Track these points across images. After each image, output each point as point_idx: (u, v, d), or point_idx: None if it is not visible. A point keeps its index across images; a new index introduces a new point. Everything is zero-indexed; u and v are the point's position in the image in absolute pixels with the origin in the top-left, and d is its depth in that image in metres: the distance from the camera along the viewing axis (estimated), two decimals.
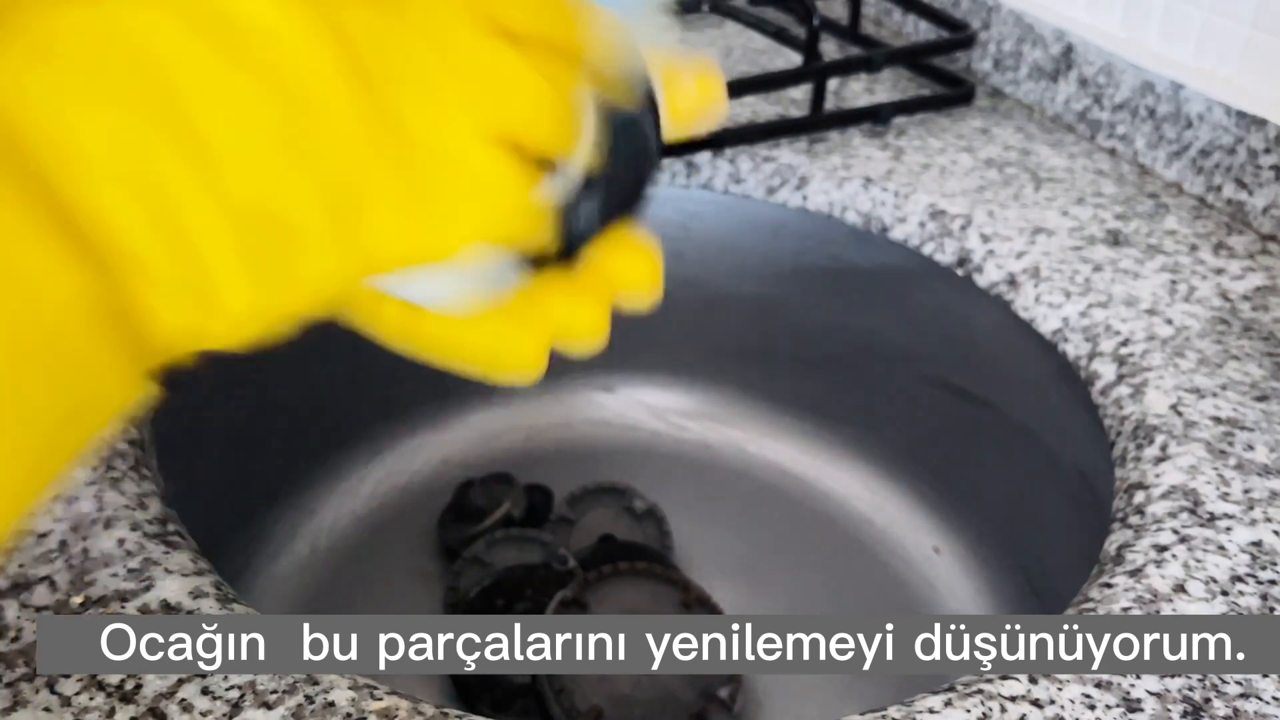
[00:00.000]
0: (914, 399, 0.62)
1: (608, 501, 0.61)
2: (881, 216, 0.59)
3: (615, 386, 0.70)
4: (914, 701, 0.31)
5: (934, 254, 0.57)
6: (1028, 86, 0.69)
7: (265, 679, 0.30)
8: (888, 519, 0.63)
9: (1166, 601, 0.34)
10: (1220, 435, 0.42)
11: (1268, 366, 0.46)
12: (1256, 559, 0.36)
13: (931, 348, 0.59)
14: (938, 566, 0.60)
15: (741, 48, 0.76)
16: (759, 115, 0.65)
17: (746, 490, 0.65)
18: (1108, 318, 0.49)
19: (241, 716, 0.29)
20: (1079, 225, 0.56)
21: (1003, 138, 0.65)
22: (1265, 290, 0.51)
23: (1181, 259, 0.53)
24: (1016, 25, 0.68)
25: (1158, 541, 0.37)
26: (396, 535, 0.61)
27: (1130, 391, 0.45)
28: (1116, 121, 0.63)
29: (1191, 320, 0.49)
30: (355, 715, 0.29)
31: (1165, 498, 0.39)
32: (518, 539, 0.57)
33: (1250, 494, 0.39)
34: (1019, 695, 0.31)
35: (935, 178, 0.60)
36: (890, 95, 0.69)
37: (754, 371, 0.68)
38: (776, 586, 0.59)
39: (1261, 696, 0.31)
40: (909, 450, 0.64)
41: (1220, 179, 0.57)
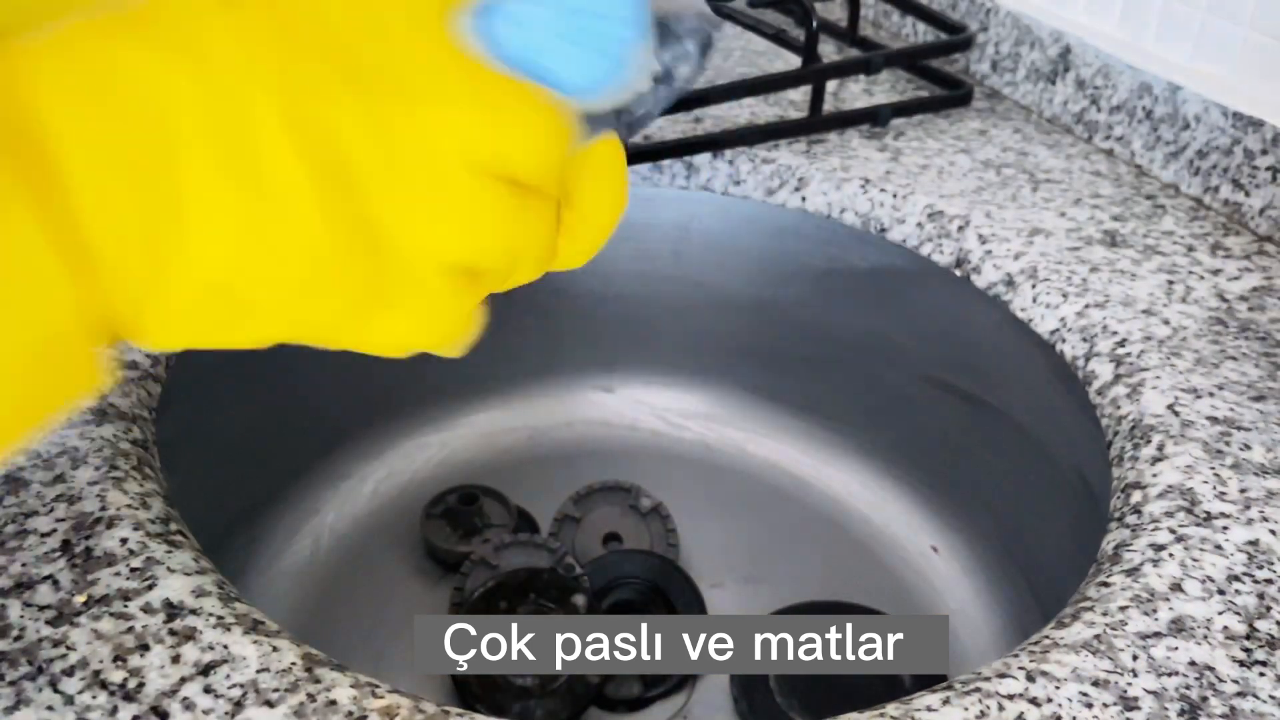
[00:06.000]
0: (912, 399, 0.62)
1: (613, 500, 0.61)
2: (880, 217, 0.59)
3: (615, 386, 0.70)
4: (912, 700, 0.31)
5: (932, 255, 0.57)
6: (1025, 88, 0.69)
7: (267, 677, 0.30)
8: (886, 518, 0.63)
9: (1163, 600, 0.35)
10: (1217, 435, 0.42)
11: (1264, 366, 0.46)
12: (1253, 558, 0.36)
13: (930, 348, 0.60)
14: (936, 565, 0.60)
15: (740, 50, 0.76)
16: (758, 117, 0.66)
17: (746, 490, 0.65)
18: (1105, 318, 0.49)
19: (243, 715, 0.29)
20: (1076, 226, 0.56)
21: (1000, 139, 0.65)
22: (1262, 291, 0.51)
23: (1178, 260, 0.53)
24: (1014, 27, 0.69)
25: (1155, 541, 0.37)
26: (397, 535, 0.61)
27: (1127, 391, 0.45)
28: (1114, 123, 0.63)
29: (1188, 320, 0.49)
30: (357, 714, 0.30)
31: (1162, 497, 0.39)
32: (525, 544, 0.57)
33: (1247, 493, 0.39)
34: (1016, 693, 0.31)
35: (933, 179, 0.60)
36: (889, 97, 0.69)
37: (754, 371, 0.68)
38: (775, 586, 0.59)
39: (1259, 695, 0.32)
40: (907, 450, 0.64)
41: (1217, 180, 0.57)
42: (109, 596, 0.33)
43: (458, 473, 0.64)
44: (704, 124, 0.64)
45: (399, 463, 0.65)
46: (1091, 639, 0.33)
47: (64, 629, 0.31)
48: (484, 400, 0.68)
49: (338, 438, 0.63)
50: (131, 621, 0.32)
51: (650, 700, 0.52)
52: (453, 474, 0.64)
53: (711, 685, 0.53)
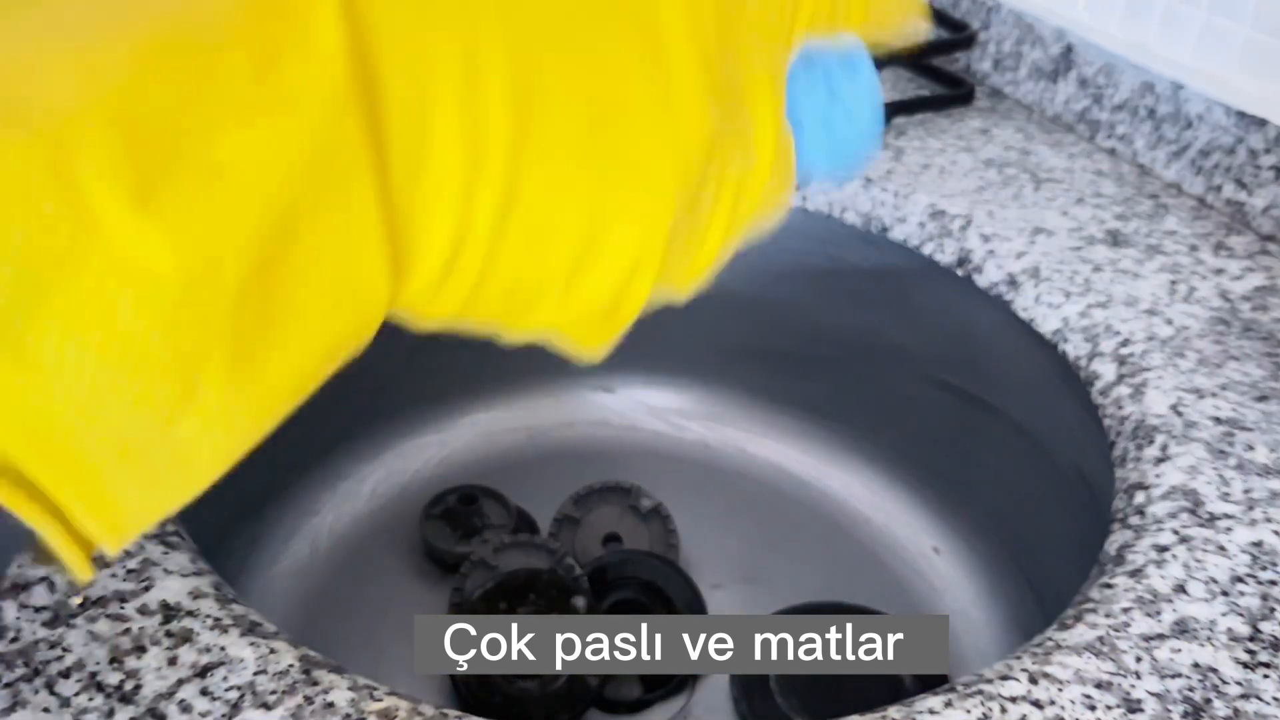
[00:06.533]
0: (914, 399, 0.62)
1: (613, 500, 0.61)
2: (881, 216, 0.59)
3: (615, 386, 0.70)
4: (914, 702, 0.31)
5: (934, 254, 0.57)
6: (1027, 87, 0.68)
7: (264, 679, 0.30)
8: (887, 519, 0.63)
9: (1167, 602, 0.34)
10: (1220, 435, 0.42)
11: (1267, 367, 0.46)
12: (1257, 559, 0.36)
13: (931, 348, 0.59)
14: (937, 566, 0.60)
15: None
16: None
17: (746, 490, 0.65)
18: (1107, 318, 0.49)
19: (241, 717, 0.29)
20: (1079, 225, 0.56)
21: (1002, 138, 0.65)
22: (1265, 290, 0.51)
23: (1181, 259, 0.53)
24: (1016, 25, 0.68)
25: (1158, 542, 0.37)
26: (397, 535, 0.60)
27: (1130, 392, 0.45)
28: (1116, 122, 0.63)
29: (1191, 320, 0.49)
30: (355, 716, 0.29)
31: (1165, 498, 0.39)
32: (525, 544, 0.57)
33: (1250, 494, 0.39)
34: (1019, 696, 0.31)
35: (935, 178, 0.60)
36: (890, 95, 0.69)
37: (754, 371, 0.68)
38: (776, 586, 0.58)
39: (1262, 697, 0.31)
40: (909, 450, 0.64)
41: (1220, 179, 0.57)
42: (105, 598, 0.32)
43: (457, 473, 0.64)
44: None
45: (398, 463, 0.65)
46: (1094, 641, 0.33)
47: (60, 630, 0.31)
48: (484, 400, 0.68)
49: (336, 438, 0.63)
50: (128, 623, 0.32)
51: (650, 702, 0.52)
52: (452, 474, 0.64)
53: (711, 686, 0.53)
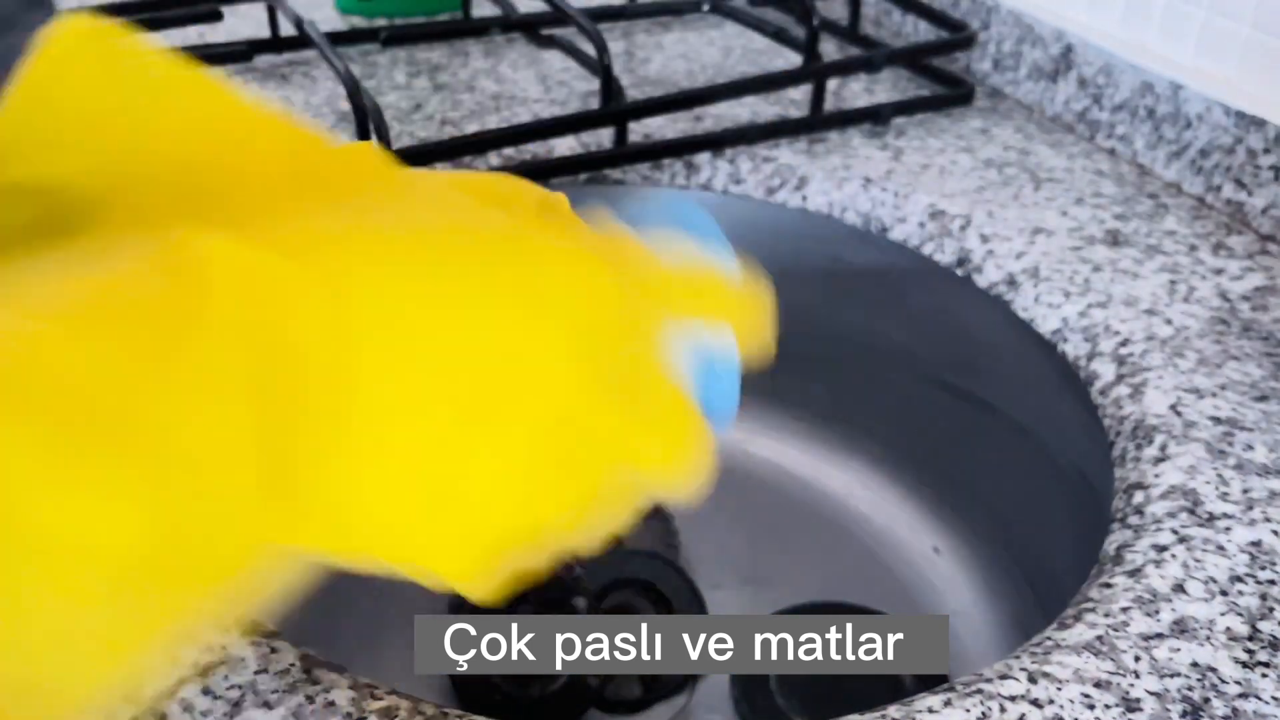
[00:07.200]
0: (914, 399, 0.62)
1: None
2: (881, 217, 0.59)
3: None
4: (913, 701, 0.31)
5: (933, 254, 0.57)
6: (1027, 87, 0.69)
7: (265, 678, 0.30)
8: (887, 519, 0.63)
9: (1166, 601, 0.35)
10: (1220, 435, 0.42)
11: (1267, 367, 0.46)
12: (1256, 559, 0.36)
13: (931, 348, 0.59)
14: (937, 566, 0.60)
15: (741, 48, 0.76)
16: (759, 115, 0.65)
17: (747, 490, 0.65)
18: (1107, 318, 0.49)
19: (242, 716, 0.29)
20: (1078, 225, 0.56)
21: (1002, 138, 0.65)
22: (1264, 290, 0.51)
23: (1181, 259, 0.53)
24: (1016, 25, 0.68)
25: (1157, 541, 0.37)
26: None
27: (1129, 391, 0.45)
28: (1116, 122, 0.63)
29: (1191, 320, 0.49)
30: (355, 715, 0.29)
31: (1165, 498, 0.39)
32: None
33: (1250, 494, 0.39)
34: (1018, 695, 0.31)
35: (935, 178, 0.60)
36: (890, 96, 0.69)
37: (754, 372, 0.68)
38: (776, 586, 0.59)
39: (1260, 696, 0.31)
40: (909, 450, 0.64)
41: (1219, 179, 0.57)
42: None
43: None
44: (704, 123, 0.64)
45: None
46: (1093, 640, 0.33)
47: None
48: None
49: None
50: None
51: (650, 702, 0.52)
52: None
53: (711, 686, 0.53)
